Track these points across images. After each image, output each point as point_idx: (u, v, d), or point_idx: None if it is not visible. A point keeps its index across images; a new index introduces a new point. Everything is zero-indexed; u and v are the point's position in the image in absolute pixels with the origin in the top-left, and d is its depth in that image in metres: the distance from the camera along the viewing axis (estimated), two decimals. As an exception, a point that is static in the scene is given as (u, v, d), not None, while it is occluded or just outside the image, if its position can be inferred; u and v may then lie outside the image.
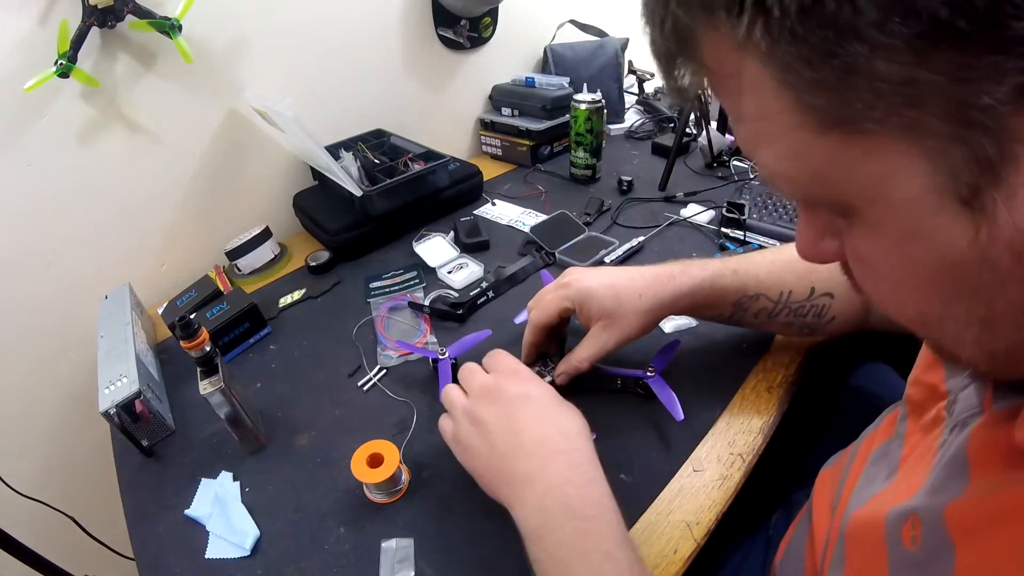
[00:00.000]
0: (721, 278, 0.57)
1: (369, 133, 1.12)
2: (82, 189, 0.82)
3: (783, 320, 0.58)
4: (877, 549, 0.32)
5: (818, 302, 0.56)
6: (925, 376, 0.38)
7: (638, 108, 1.49)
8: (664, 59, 0.25)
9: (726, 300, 0.58)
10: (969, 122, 0.18)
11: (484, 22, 1.25)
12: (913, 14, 0.17)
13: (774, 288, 0.57)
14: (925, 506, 0.29)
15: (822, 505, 0.46)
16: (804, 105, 0.21)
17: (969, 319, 0.23)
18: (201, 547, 0.53)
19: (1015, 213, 0.19)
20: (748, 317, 0.59)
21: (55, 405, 0.90)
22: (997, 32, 0.16)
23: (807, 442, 0.66)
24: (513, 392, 0.48)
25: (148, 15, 0.76)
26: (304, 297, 0.87)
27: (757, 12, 0.19)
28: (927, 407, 0.36)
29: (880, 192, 0.22)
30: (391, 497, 0.55)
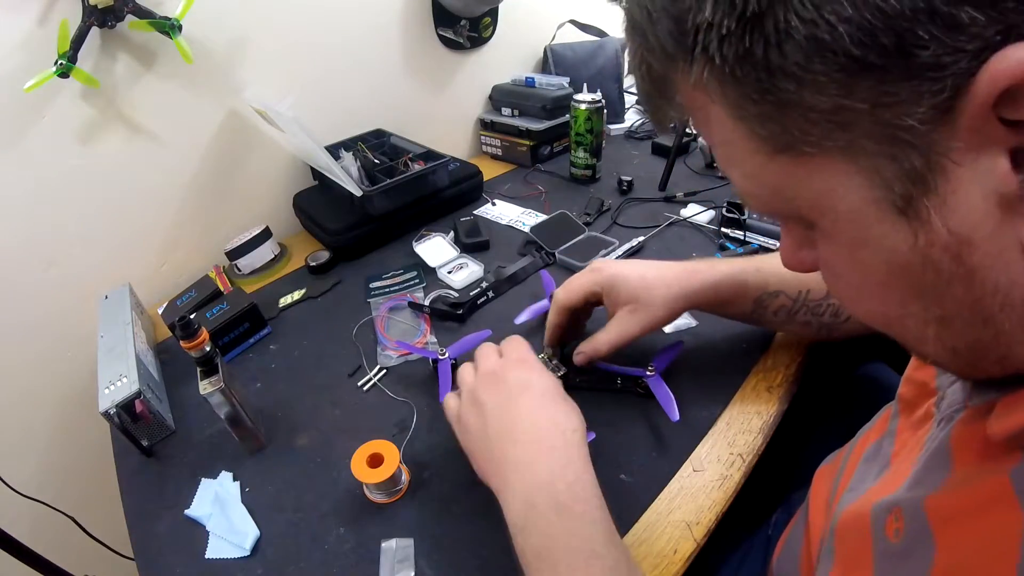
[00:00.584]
0: (744, 274, 0.59)
1: (369, 133, 1.12)
2: (82, 189, 0.82)
3: (802, 319, 0.59)
4: (863, 542, 0.33)
5: (835, 300, 0.56)
6: (916, 374, 0.39)
7: (638, 108, 1.49)
8: (646, 98, 0.28)
9: (748, 296, 0.59)
10: (896, 140, 0.20)
11: (484, 22, 1.25)
12: (831, 53, 0.19)
13: (793, 286, 0.58)
14: (906, 498, 0.30)
15: (818, 502, 0.46)
16: (754, 134, 0.24)
17: (927, 318, 0.25)
18: (201, 547, 0.53)
19: (948, 218, 0.21)
20: (768, 315, 0.60)
21: (55, 405, 0.90)
22: (907, 61, 0.18)
23: (807, 442, 0.66)
24: (515, 379, 0.49)
25: (148, 15, 0.76)
26: (304, 297, 0.87)
27: (704, 60, 0.22)
28: (918, 404, 0.37)
29: (827, 205, 0.24)
30: (391, 497, 0.55)
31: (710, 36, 0.21)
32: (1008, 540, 0.23)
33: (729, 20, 0.20)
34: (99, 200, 0.85)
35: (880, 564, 0.31)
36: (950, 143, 0.20)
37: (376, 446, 0.55)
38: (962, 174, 0.20)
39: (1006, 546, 0.23)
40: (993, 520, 0.24)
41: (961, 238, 0.21)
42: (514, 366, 0.50)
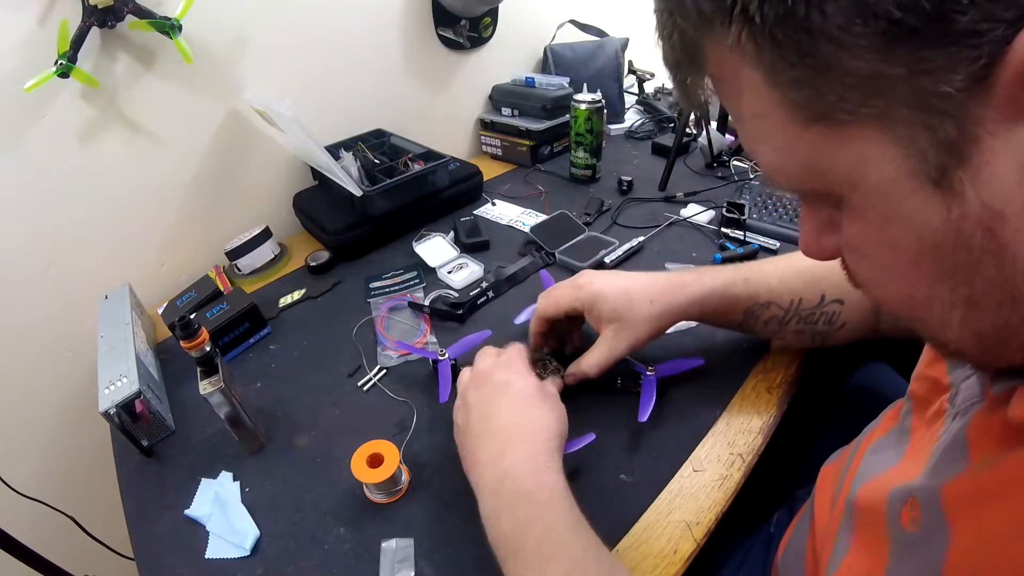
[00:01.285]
0: (732, 287, 0.58)
1: (369, 133, 1.12)
2: (82, 189, 0.82)
3: (794, 328, 0.58)
4: (879, 527, 0.33)
5: (828, 309, 0.57)
6: (928, 371, 0.39)
7: (638, 108, 1.49)
8: (674, 67, 0.28)
9: (737, 308, 0.58)
10: (932, 109, 0.20)
11: (484, 22, 1.25)
12: (872, 16, 0.19)
13: (784, 296, 0.57)
14: (923, 487, 0.30)
15: (823, 501, 0.46)
16: (789, 101, 0.23)
17: (954, 300, 0.24)
18: (201, 547, 0.53)
19: (981, 190, 0.21)
20: (759, 325, 0.59)
21: (55, 405, 0.90)
22: (945, 27, 0.18)
23: (808, 442, 0.66)
24: (497, 379, 0.52)
25: (148, 15, 0.76)
26: (304, 297, 0.87)
27: (743, 21, 0.22)
28: (930, 401, 0.37)
29: (859, 177, 0.24)
30: (391, 497, 0.55)
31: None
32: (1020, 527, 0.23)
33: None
34: (99, 200, 0.85)
35: (896, 551, 0.31)
36: (985, 112, 0.20)
37: (376, 446, 0.55)
38: (996, 145, 0.20)
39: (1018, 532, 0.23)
40: (1012, 501, 0.24)
41: (994, 211, 0.21)
42: (500, 368, 0.53)
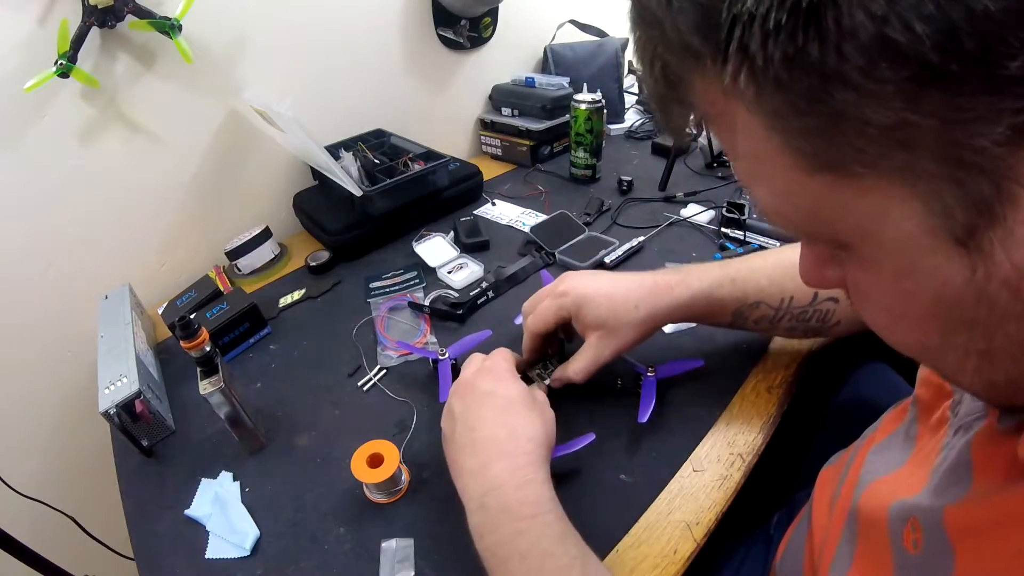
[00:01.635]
0: (719, 288, 0.56)
1: (369, 133, 1.12)
2: (82, 189, 0.82)
3: (785, 325, 0.58)
4: (882, 544, 0.32)
5: (822, 307, 0.56)
6: (932, 376, 0.38)
7: (638, 108, 1.49)
8: (657, 100, 0.25)
9: (724, 310, 0.57)
10: (963, 163, 0.18)
11: (484, 22, 1.25)
12: (901, 58, 0.16)
13: (775, 295, 0.56)
14: (924, 508, 0.29)
15: (821, 504, 0.46)
16: (792, 149, 0.21)
17: (968, 350, 0.23)
18: (201, 547, 0.53)
19: (1012, 252, 0.19)
20: (748, 324, 0.58)
21: (55, 405, 0.90)
22: (990, 71, 0.16)
23: (808, 442, 0.66)
24: (481, 389, 0.50)
25: (148, 15, 0.76)
26: (304, 297, 0.87)
27: (741, 60, 0.19)
28: (935, 406, 0.36)
29: (873, 231, 0.21)
30: (391, 497, 0.55)
31: (751, 31, 0.18)
32: None
33: (778, 13, 0.17)
34: (99, 200, 0.85)
35: (900, 573, 0.30)
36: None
37: (376, 446, 0.55)
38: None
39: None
40: (1015, 537, 0.23)
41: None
42: (483, 376, 0.52)
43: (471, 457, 0.46)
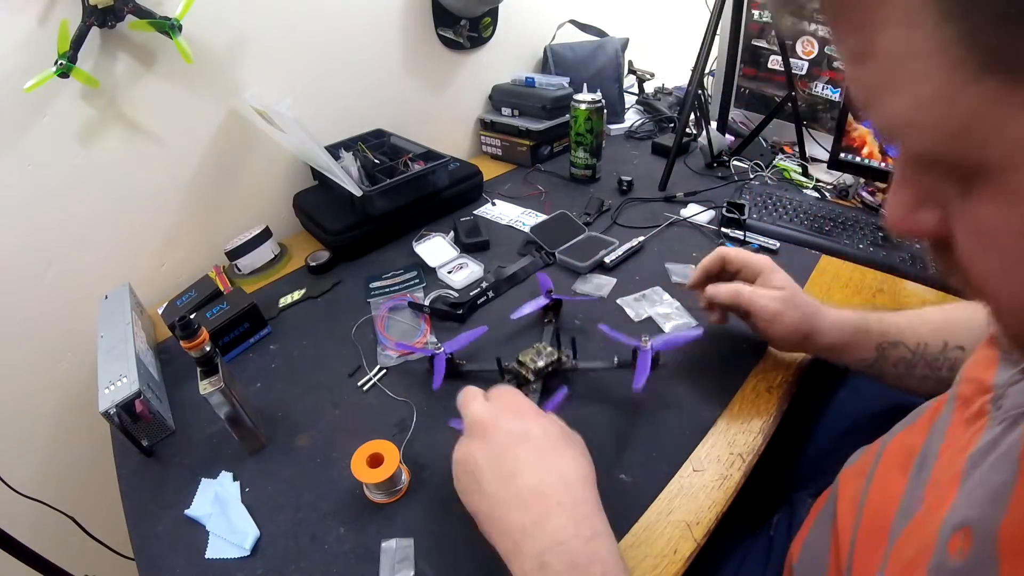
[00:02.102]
0: (865, 321, 0.59)
1: (369, 133, 1.12)
2: (82, 189, 0.82)
3: (920, 374, 0.57)
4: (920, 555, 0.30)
5: (951, 355, 0.56)
6: (974, 372, 0.37)
7: (638, 108, 1.49)
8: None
9: (869, 342, 0.58)
10: None
11: (484, 22, 1.25)
12: None
13: (911, 338, 0.57)
14: (979, 519, 0.28)
15: (846, 503, 0.45)
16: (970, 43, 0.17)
17: None
18: (201, 547, 0.53)
19: None
20: (888, 366, 0.58)
21: (55, 405, 0.90)
22: None
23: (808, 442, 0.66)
24: (507, 429, 0.44)
25: (148, 15, 0.76)
26: (304, 297, 0.87)
27: None
28: (972, 401, 0.36)
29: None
30: (391, 497, 0.55)
31: None
32: None
33: None
34: (99, 200, 0.85)
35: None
36: None
37: (376, 446, 0.55)
38: None
39: None
40: None
41: None
42: (504, 414, 0.45)
43: (519, 511, 0.40)
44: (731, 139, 1.21)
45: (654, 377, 0.65)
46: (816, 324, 0.59)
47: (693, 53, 1.05)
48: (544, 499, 0.40)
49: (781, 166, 1.10)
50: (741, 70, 1.21)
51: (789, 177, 1.08)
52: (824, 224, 0.90)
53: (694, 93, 1.07)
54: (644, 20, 1.64)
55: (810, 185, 1.05)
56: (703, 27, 1.04)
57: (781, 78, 1.10)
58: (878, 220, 0.91)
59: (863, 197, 0.99)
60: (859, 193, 1.00)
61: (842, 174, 1.04)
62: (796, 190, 1.04)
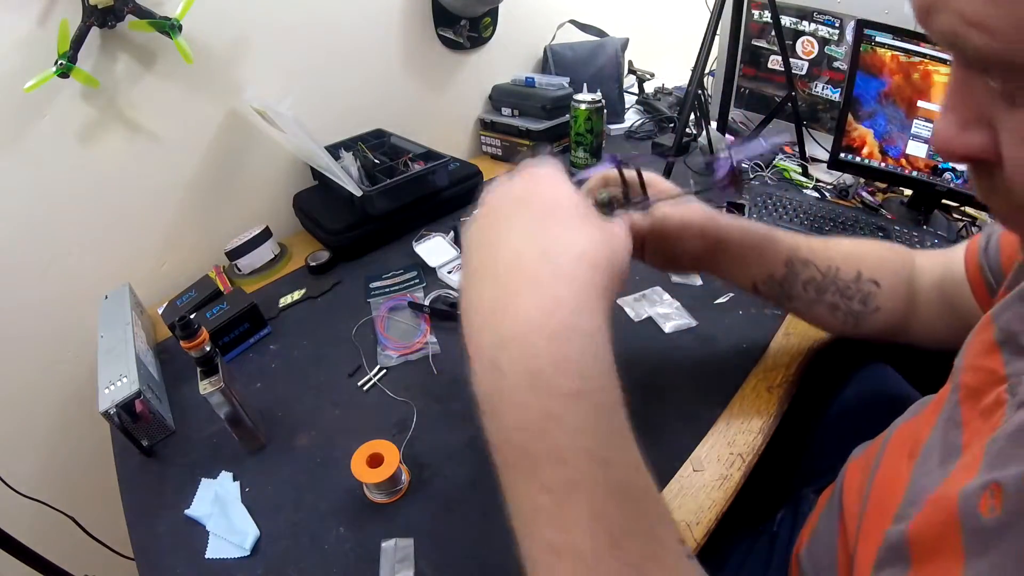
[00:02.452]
0: (775, 231, 0.56)
1: (369, 133, 1.12)
2: (82, 189, 0.82)
3: (830, 300, 0.56)
4: (948, 531, 0.28)
5: (864, 287, 0.56)
6: (982, 361, 0.37)
7: (638, 108, 1.49)
8: None
9: (779, 254, 0.56)
10: None
11: (484, 22, 1.25)
12: None
13: (822, 261, 0.56)
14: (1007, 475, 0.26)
15: (851, 494, 0.46)
16: None
17: None
18: (201, 547, 0.53)
19: None
20: (798, 287, 0.56)
21: (55, 405, 0.90)
22: None
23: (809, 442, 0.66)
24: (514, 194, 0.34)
25: (148, 15, 0.76)
26: (304, 297, 0.87)
27: None
28: (985, 392, 0.35)
29: None
30: (391, 497, 0.55)
31: None
32: None
33: None
34: (99, 200, 0.84)
35: (971, 546, 0.26)
36: None
37: (376, 446, 0.55)
38: None
39: None
40: None
41: None
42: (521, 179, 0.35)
43: (487, 289, 0.30)
44: (731, 139, 1.21)
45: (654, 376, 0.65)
46: (722, 228, 0.53)
47: (693, 53, 1.05)
48: (515, 274, 0.29)
49: (781, 166, 1.10)
50: (741, 70, 1.20)
51: (789, 177, 1.08)
52: (824, 224, 0.90)
53: (694, 93, 1.06)
54: (644, 20, 1.64)
55: (810, 185, 1.05)
56: (703, 27, 1.04)
57: (781, 78, 1.10)
58: (878, 220, 0.91)
59: (863, 197, 0.99)
60: (859, 193, 1.00)
61: (842, 174, 1.04)
62: (796, 190, 1.04)
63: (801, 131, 1.09)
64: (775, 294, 0.57)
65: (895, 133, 0.90)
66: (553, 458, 0.27)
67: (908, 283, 0.57)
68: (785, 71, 1.05)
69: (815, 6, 1.05)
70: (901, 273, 0.58)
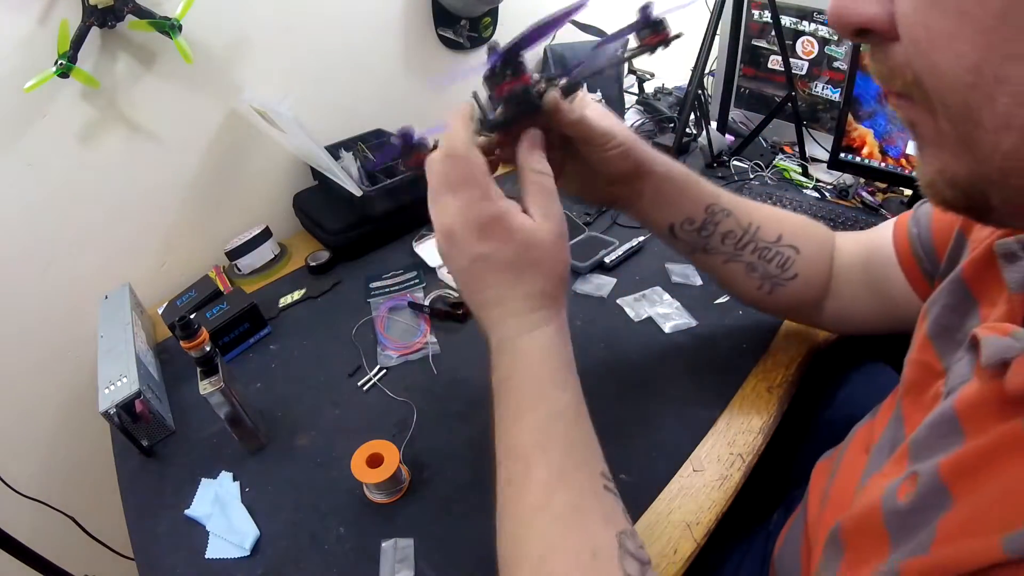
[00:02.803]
0: (694, 175, 0.54)
1: (369, 133, 1.12)
2: (82, 189, 0.82)
3: (748, 259, 0.55)
4: (872, 515, 0.32)
5: (783, 251, 0.55)
6: (920, 356, 0.39)
7: (638, 108, 1.49)
8: None
9: (700, 199, 0.53)
10: None
11: (484, 22, 1.25)
12: None
13: (743, 216, 0.54)
14: (922, 464, 0.30)
15: (815, 495, 0.47)
16: None
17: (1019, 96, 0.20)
18: (201, 547, 0.53)
19: None
20: (716, 238, 0.54)
21: (55, 405, 0.90)
22: None
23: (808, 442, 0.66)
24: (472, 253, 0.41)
25: (148, 15, 0.76)
26: (304, 297, 0.87)
27: None
28: (925, 386, 0.37)
29: None
30: (391, 497, 0.55)
31: None
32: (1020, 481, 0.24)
33: None
34: (99, 200, 0.85)
35: (893, 528, 0.31)
36: None
37: (376, 446, 0.55)
38: None
39: (1020, 483, 0.24)
40: (1007, 463, 0.24)
41: None
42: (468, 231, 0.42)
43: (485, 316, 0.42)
44: (731, 139, 1.21)
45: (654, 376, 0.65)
46: (646, 152, 0.50)
47: (693, 53, 1.05)
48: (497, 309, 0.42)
49: (781, 166, 1.10)
50: (741, 70, 1.20)
51: (789, 177, 1.08)
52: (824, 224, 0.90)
53: (694, 93, 1.07)
54: (644, 20, 1.64)
55: (810, 185, 1.05)
56: (703, 27, 1.04)
57: (781, 78, 1.10)
58: (878, 220, 0.91)
59: (863, 197, 0.99)
60: (859, 193, 1.00)
61: (842, 174, 1.04)
62: (796, 190, 1.04)
63: (801, 131, 1.09)
64: (691, 241, 0.55)
65: (895, 133, 0.90)
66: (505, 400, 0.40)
67: (829, 259, 0.57)
68: (785, 71, 1.05)
69: (815, 6, 1.05)
70: (824, 246, 0.57)
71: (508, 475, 0.38)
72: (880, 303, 0.54)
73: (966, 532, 0.26)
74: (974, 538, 0.25)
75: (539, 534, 0.35)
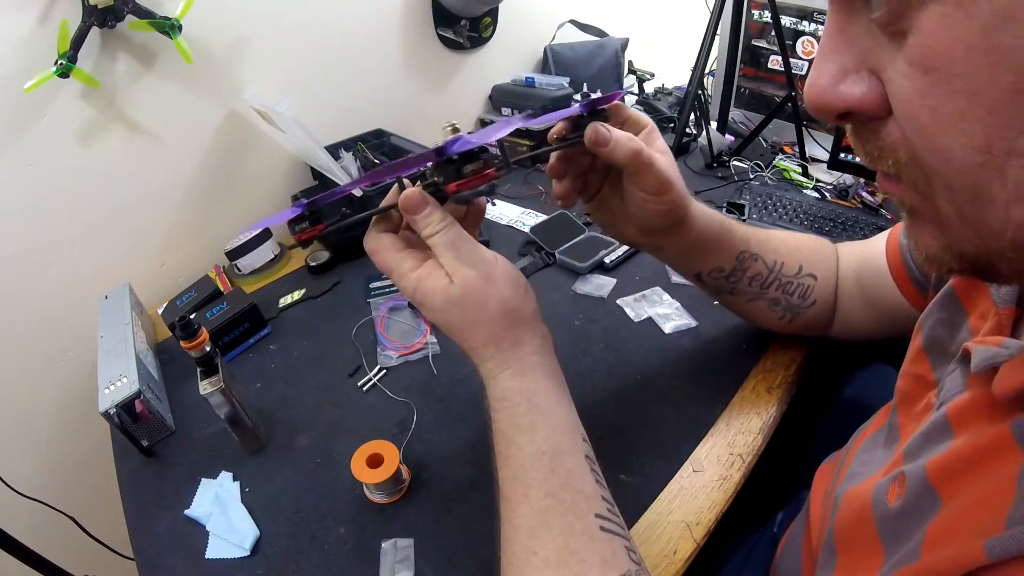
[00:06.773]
0: (729, 223, 0.53)
1: (369, 133, 1.12)
2: (82, 189, 0.82)
3: (772, 295, 0.56)
4: (864, 522, 0.33)
5: (804, 281, 0.56)
6: (913, 368, 0.39)
7: (638, 108, 1.49)
8: None
9: (732, 246, 0.53)
10: None
11: (484, 22, 1.25)
12: None
13: (769, 255, 0.55)
14: (909, 467, 0.31)
15: (818, 498, 0.47)
16: None
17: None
18: (201, 547, 0.53)
19: None
20: (744, 281, 0.55)
21: (55, 405, 0.90)
22: None
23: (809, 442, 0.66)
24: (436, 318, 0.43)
25: (148, 15, 0.76)
26: (304, 297, 0.87)
27: None
28: (918, 397, 0.37)
29: None
30: (391, 497, 0.55)
31: None
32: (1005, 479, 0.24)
33: None
34: (99, 200, 0.84)
35: (884, 532, 0.31)
36: None
37: (376, 446, 0.55)
38: None
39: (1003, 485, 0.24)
40: (992, 465, 0.25)
41: None
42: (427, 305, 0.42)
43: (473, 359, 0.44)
44: (731, 139, 1.21)
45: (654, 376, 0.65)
46: (690, 206, 0.49)
47: (693, 53, 1.05)
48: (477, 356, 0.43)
49: (781, 166, 1.10)
50: (741, 70, 1.20)
51: (789, 177, 1.08)
52: (824, 224, 0.90)
53: (694, 93, 1.07)
54: (644, 20, 1.64)
55: (810, 185, 1.05)
56: (703, 27, 1.04)
57: (781, 78, 1.10)
58: (878, 220, 0.91)
59: (863, 197, 0.99)
60: (859, 193, 1.00)
61: (842, 174, 1.04)
62: (796, 190, 1.04)
63: (801, 131, 1.09)
64: (718, 286, 0.55)
65: (895, 133, 0.90)
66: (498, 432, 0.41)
67: (836, 276, 0.58)
68: (785, 71, 1.05)
69: (815, 6, 1.05)
70: (832, 265, 0.59)
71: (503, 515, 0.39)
72: (875, 313, 0.55)
73: (953, 536, 0.26)
74: (959, 542, 0.25)
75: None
